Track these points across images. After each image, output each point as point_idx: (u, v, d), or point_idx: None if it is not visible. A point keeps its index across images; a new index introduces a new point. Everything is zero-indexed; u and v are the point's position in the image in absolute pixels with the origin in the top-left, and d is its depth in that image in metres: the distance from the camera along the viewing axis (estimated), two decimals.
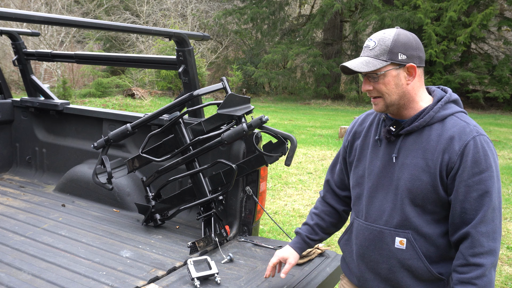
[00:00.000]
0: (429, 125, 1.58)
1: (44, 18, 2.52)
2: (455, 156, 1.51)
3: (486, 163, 1.50)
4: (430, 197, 1.56)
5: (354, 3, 19.07)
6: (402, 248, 1.60)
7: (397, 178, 1.61)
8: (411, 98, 1.60)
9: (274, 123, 12.45)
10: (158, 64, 3.47)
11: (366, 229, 1.70)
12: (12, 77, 18.90)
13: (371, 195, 1.69)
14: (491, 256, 1.50)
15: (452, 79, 17.07)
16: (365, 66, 1.55)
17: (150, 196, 2.85)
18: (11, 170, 4.07)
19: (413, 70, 1.56)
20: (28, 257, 2.36)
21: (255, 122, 2.49)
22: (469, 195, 1.50)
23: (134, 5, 21.34)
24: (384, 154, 1.66)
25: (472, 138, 1.52)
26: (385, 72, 1.55)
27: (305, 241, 1.95)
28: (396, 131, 1.62)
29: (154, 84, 18.80)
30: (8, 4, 18.13)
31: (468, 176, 1.50)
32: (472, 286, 1.49)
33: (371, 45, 1.58)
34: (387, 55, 1.54)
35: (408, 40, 1.56)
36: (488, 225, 1.49)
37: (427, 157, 1.55)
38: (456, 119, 1.58)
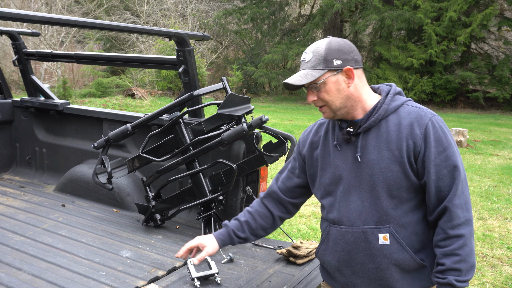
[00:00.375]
0: (384, 118, 1.64)
1: (44, 18, 2.52)
2: (419, 140, 1.58)
3: (447, 140, 1.59)
4: (404, 185, 1.61)
5: (354, 3, 19.06)
6: (386, 244, 1.63)
7: (367, 175, 1.64)
8: (357, 98, 1.65)
9: (274, 123, 12.45)
10: (158, 64, 3.47)
11: (346, 234, 1.69)
12: (12, 77, 18.90)
13: (345, 199, 1.69)
14: (468, 225, 1.57)
15: (452, 79, 17.07)
16: (304, 78, 1.61)
17: (150, 196, 2.85)
18: (11, 170, 4.07)
19: (350, 73, 1.62)
20: (28, 257, 2.36)
21: (255, 122, 2.49)
22: (440, 173, 1.57)
23: (134, 5, 21.34)
24: (347, 157, 1.69)
25: (429, 120, 1.60)
26: (324, 80, 1.61)
27: (229, 235, 1.92)
28: (355, 131, 1.66)
29: (154, 84, 18.80)
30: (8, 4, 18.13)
31: (435, 155, 1.57)
32: (456, 257, 1.55)
33: (306, 58, 1.64)
34: (322, 63, 1.60)
35: (339, 46, 1.63)
36: (461, 197, 1.57)
37: (392, 148, 1.60)
38: (409, 107, 1.65)
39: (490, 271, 3.97)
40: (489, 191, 6.50)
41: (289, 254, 2.40)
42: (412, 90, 17.27)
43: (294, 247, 2.40)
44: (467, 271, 1.56)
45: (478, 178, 7.30)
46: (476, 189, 6.62)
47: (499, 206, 5.80)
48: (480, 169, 7.90)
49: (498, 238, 4.73)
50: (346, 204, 1.69)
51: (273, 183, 1.96)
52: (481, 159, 8.83)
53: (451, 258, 1.56)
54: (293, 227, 4.86)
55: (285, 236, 4.55)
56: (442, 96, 17.76)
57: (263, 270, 2.29)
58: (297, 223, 5.00)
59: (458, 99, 18.38)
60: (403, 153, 1.59)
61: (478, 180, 7.17)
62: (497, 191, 6.52)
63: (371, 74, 18.17)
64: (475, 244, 4.50)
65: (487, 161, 8.74)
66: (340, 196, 1.71)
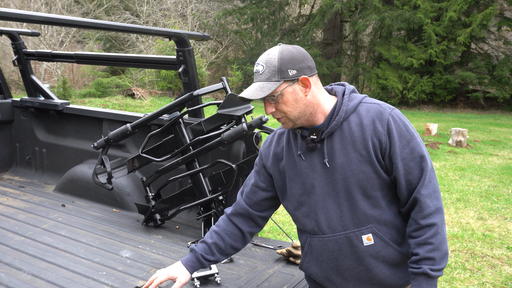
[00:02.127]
0: (345, 119, 1.62)
1: (44, 18, 2.52)
2: (383, 137, 1.57)
3: (409, 132, 1.59)
4: (376, 184, 1.60)
5: (354, 3, 19.05)
6: (371, 244, 1.63)
7: (340, 180, 1.62)
8: (316, 105, 1.62)
9: (274, 123, 12.45)
10: (158, 64, 3.47)
11: (329, 242, 1.67)
12: (12, 77, 18.90)
13: (321, 207, 1.66)
14: (439, 214, 1.58)
15: (452, 79, 17.07)
16: (260, 92, 1.57)
17: (150, 196, 2.85)
18: (11, 170, 4.07)
19: (307, 82, 1.58)
20: (28, 257, 2.36)
21: (255, 122, 2.49)
22: (408, 166, 1.57)
23: (134, 5, 21.34)
24: (315, 164, 1.65)
25: (389, 115, 1.59)
26: (281, 92, 1.57)
27: (199, 260, 1.84)
28: (318, 137, 1.63)
29: (154, 84, 18.80)
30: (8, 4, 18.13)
31: (400, 149, 1.57)
32: (429, 245, 1.56)
33: (260, 70, 1.59)
34: (277, 75, 1.56)
35: (292, 55, 1.57)
36: (429, 187, 1.57)
37: (358, 148, 1.59)
38: (367, 104, 1.64)
39: (490, 271, 3.97)
40: (489, 191, 6.50)
41: (289, 254, 2.40)
42: (412, 90, 17.28)
43: (294, 247, 2.40)
44: (440, 259, 1.57)
45: (478, 178, 7.30)
46: (476, 189, 6.62)
47: (499, 206, 5.80)
48: (480, 169, 7.90)
49: (498, 238, 4.73)
50: (324, 212, 1.66)
51: (238, 199, 1.88)
52: (481, 159, 8.83)
53: (424, 247, 1.56)
54: (293, 227, 4.87)
55: (285, 236, 4.54)
56: (442, 96, 17.76)
57: (263, 270, 2.29)
58: None
59: (458, 99, 18.38)
60: (370, 152, 1.58)
61: (478, 180, 7.16)
62: (497, 191, 6.52)
63: (371, 74, 18.16)
64: (475, 244, 4.50)
65: (487, 161, 8.74)
66: (316, 205, 1.67)
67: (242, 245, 1.90)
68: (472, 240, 4.64)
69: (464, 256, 4.23)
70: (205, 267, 1.88)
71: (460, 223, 5.15)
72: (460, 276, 3.85)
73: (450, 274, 3.87)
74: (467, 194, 6.31)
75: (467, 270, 3.97)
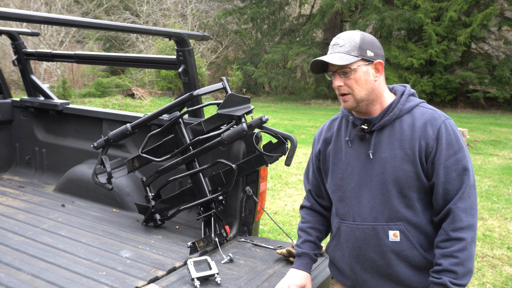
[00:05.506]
0: (399, 118, 1.66)
1: (44, 18, 2.51)
2: (432, 141, 1.60)
3: (458, 144, 1.60)
4: (414, 185, 1.63)
5: (354, 3, 19.06)
6: (396, 241, 1.65)
7: (379, 173, 1.66)
8: (379, 94, 1.68)
9: (274, 123, 12.45)
10: (158, 64, 3.47)
11: (356, 230, 1.71)
12: (12, 77, 18.90)
13: (356, 195, 1.72)
14: (471, 230, 1.57)
15: (452, 79, 17.06)
16: (339, 60, 1.61)
17: (150, 196, 2.85)
18: (11, 170, 4.07)
19: (380, 67, 1.65)
20: (28, 257, 2.36)
21: (255, 122, 2.48)
22: (449, 176, 1.59)
23: (134, 5, 21.33)
24: (360, 154, 1.71)
25: (442, 122, 1.62)
26: (356, 67, 1.62)
27: (312, 259, 1.95)
28: (369, 128, 1.68)
29: (154, 84, 18.80)
30: (8, 4, 18.12)
31: (445, 158, 1.59)
32: (454, 259, 1.56)
33: (340, 43, 1.64)
34: (357, 51, 1.62)
35: (372, 39, 1.66)
36: (466, 201, 1.58)
37: (405, 147, 1.62)
38: (423, 108, 1.68)
39: (490, 271, 3.97)
40: (489, 191, 6.50)
41: (289, 254, 2.40)
42: None
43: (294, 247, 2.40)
44: (463, 275, 1.56)
45: (478, 178, 7.30)
46: (476, 189, 6.62)
47: (499, 206, 5.80)
48: (480, 169, 7.89)
49: (498, 238, 4.72)
50: (357, 201, 1.71)
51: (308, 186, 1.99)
52: (481, 159, 8.82)
53: (449, 259, 1.56)
54: (293, 227, 4.86)
55: (285, 236, 4.54)
56: (442, 96, 17.75)
57: (263, 270, 2.28)
58: (297, 223, 5.00)
59: (458, 99, 18.38)
60: (415, 152, 1.61)
61: (478, 180, 7.16)
62: (497, 191, 6.51)
63: None
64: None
65: (487, 161, 8.74)
66: (351, 192, 1.73)
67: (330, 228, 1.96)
68: None
69: None
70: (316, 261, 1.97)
71: None
72: None
73: None
74: None
75: None
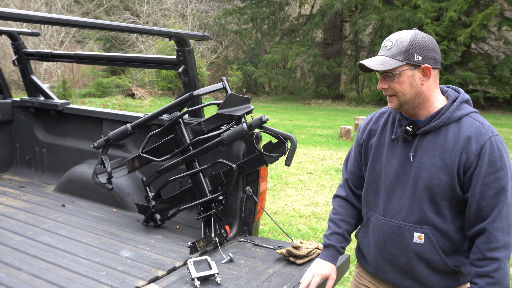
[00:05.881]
0: (445, 125, 1.64)
1: (44, 18, 2.52)
2: (473, 156, 1.58)
3: (501, 162, 1.58)
4: (447, 195, 1.63)
5: (354, 3, 19.06)
6: (420, 243, 1.68)
7: (415, 177, 1.67)
8: (426, 98, 1.65)
9: (274, 123, 12.45)
10: (158, 64, 3.47)
11: (384, 224, 1.76)
12: (12, 77, 18.90)
13: (389, 193, 1.75)
14: (506, 250, 1.58)
15: (452, 79, 17.06)
16: (381, 65, 1.61)
17: (150, 196, 2.85)
18: (11, 170, 4.07)
19: (428, 71, 1.61)
20: (28, 257, 2.36)
21: (255, 122, 2.48)
22: (485, 193, 1.57)
23: (134, 5, 21.33)
24: (400, 153, 1.72)
25: (488, 139, 1.58)
26: (400, 72, 1.61)
27: (339, 252, 1.95)
28: (413, 131, 1.67)
29: (154, 84, 18.80)
30: (8, 4, 18.13)
31: (485, 175, 1.57)
32: (490, 279, 1.57)
33: (388, 45, 1.63)
34: (403, 55, 1.59)
35: (424, 42, 1.61)
36: (503, 221, 1.57)
37: (445, 157, 1.61)
38: (472, 120, 1.64)
39: None
40: None
41: (289, 254, 2.40)
42: None
43: (294, 247, 2.40)
44: None
45: None
46: None
47: None
48: None
49: None
50: (389, 198, 1.74)
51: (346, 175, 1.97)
52: None
53: (485, 279, 1.58)
54: (293, 227, 4.86)
55: (285, 236, 4.54)
56: None
57: (263, 270, 2.28)
58: (297, 223, 5.00)
59: None
60: (454, 164, 1.60)
61: None
62: None
63: (371, 74, 18.15)
64: None
65: None
66: (385, 189, 1.76)
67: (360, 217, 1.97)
68: None
69: None
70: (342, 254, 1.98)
71: None
72: None
73: None
74: None
75: None
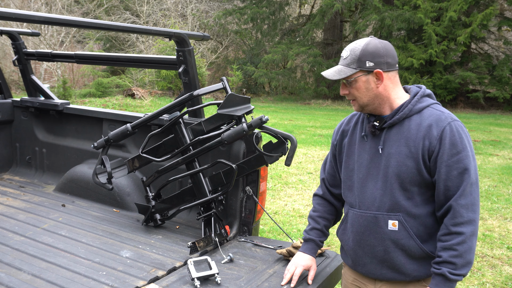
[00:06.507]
0: (408, 117, 1.79)
1: (44, 18, 2.52)
2: (435, 141, 1.71)
3: (462, 144, 1.71)
4: (416, 180, 1.75)
5: (354, 3, 19.06)
6: (395, 230, 1.79)
7: (384, 167, 1.80)
8: (386, 98, 1.81)
9: (274, 123, 12.45)
10: (158, 64, 3.47)
11: (360, 217, 1.87)
12: (12, 77, 18.90)
13: (362, 185, 1.87)
14: (471, 225, 1.69)
15: (452, 79, 17.06)
16: (337, 74, 1.80)
17: (150, 196, 2.85)
18: (11, 170, 4.07)
19: (380, 75, 1.77)
20: (28, 257, 2.36)
21: (255, 122, 2.48)
22: (450, 174, 1.70)
23: (134, 5, 21.33)
24: (370, 147, 1.86)
25: (448, 124, 1.72)
26: (355, 78, 1.78)
27: (318, 245, 2.14)
28: (380, 125, 1.82)
29: (154, 84, 18.80)
30: (8, 4, 18.13)
31: (448, 157, 1.70)
32: (453, 251, 1.68)
33: (344, 55, 1.81)
34: (356, 63, 1.77)
35: (376, 48, 1.77)
36: (467, 198, 1.69)
37: (409, 145, 1.75)
38: (432, 110, 1.79)
39: (490, 271, 3.97)
40: (489, 191, 6.50)
41: (289, 254, 2.40)
42: None
43: (294, 247, 2.40)
44: (462, 266, 1.68)
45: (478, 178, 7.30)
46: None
47: (499, 206, 5.80)
48: (480, 169, 7.90)
49: (498, 238, 4.73)
50: (363, 191, 1.87)
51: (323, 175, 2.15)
52: (481, 159, 8.82)
53: (448, 252, 1.69)
54: (293, 227, 4.86)
55: (285, 236, 4.54)
56: (442, 96, 17.75)
57: (263, 270, 2.29)
58: (297, 223, 5.00)
59: (458, 99, 18.38)
60: (419, 151, 1.73)
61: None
62: (497, 191, 6.51)
63: None
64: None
65: (487, 161, 8.74)
66: (358, 182, 1.89)
67: (339, 217, 2.16)
68: None
69: None
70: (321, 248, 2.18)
71: None
72: None
73: None
74: None
75: None
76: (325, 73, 1.83)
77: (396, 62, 1.81)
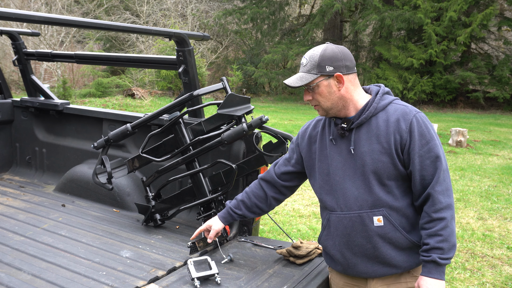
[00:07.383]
0: (374, 115, 1.84)
1: (44, 18, 2.52)
2: (405, 134, 1.78)
3: (429, 134, 1.78)
4: (393, 174, 1.81)
5: (354, 3, 19.05)
6: (381, 225, 1.83)
7: (360, 166, 1.84)
8: (348, 99, 1.85)
9: (274, 123, 12.46)
10: (158, 64, 3.47)
11: (344, 219, 1.89)
12: (12, 77, 18.90)
13: (341, 188, 1.89)
14: (449, 210, 1.76)
15: (452, 79, 17.06)
16: (299, 81, 1.83)
17: (150, 196, 2.85)
18: (11, 170, 4.07)
19: (341, 78, 1.82)
20: (28, 257, 2.36)
21: (255, 122, 2.49)
22: (423, 163, 1.76)
23: (134, 5, 21.33)
24: (342, 150, 1.89)
25: (414, 116, 1.79)
26: (317, 83, 1.82)
27: (229, 213, 2.25)
28: (348, 126, 1.86)
29: (154, 84, 18.79)
30: (8, 4, 18.13)
31: (419, 147, 1.76)
32: (439, 237, 1.74)
33: (304, 62, 1.85)
34: (316, 69, 1.81)
35: (333, 53, 1.82)
36: (442, 185, 1.76)
37: (381, 141, 1.80)
38: (396, 105, 1.86)
39: (490, 271, 3.97)
40: (489, 191, 6.50)
41: (289, 254, 2.40)
42: (412, 90, 17.27)
43: (294, 247, 2.40)
44: (449, 249, 1.75)
45: (478, 178, 7.30)
46: (476, 189, 6.62)
47: (499, 206, 5.80)
48: (480, 169, 7.90)
49: (498, 238, 4.73)
50: (343, 192, 1.88)
51: (271, 167, 2.22)
52: (481, 159, 8.83)
53: (434, 238, 1.74)
54: (293, 227, 4.87)
55: (285, 236, 4.54)
56: (442, 96, 17.76)
57: (263, 270, 2.29)
58: (297, 223, 5.00)
59: (458, 99, 18.38)
60: (391, 145, 1.78)
61: (478, 180, 7.16)
62: (497, 191, 6.52)
63: (371, 74, 18.16)
64: (475, 244, 4.50)
65: (487, 161, 8.74)
66: (336, 185, 1.90)
67: (267, 207, 2.22)
68: (472, 240, 4.64)
69: (464, 256, 4.22)
70: (235, 220, 2.29)
71: (460, 223, 5.15)
72: (460, 276, 3.85)
73: (450, 274, 3.87)
74: (467, 194, 6.31)
75: (467, 270, 3.97)
76: (287, 81, 1.86)
77: (354, 65, 1.86)
